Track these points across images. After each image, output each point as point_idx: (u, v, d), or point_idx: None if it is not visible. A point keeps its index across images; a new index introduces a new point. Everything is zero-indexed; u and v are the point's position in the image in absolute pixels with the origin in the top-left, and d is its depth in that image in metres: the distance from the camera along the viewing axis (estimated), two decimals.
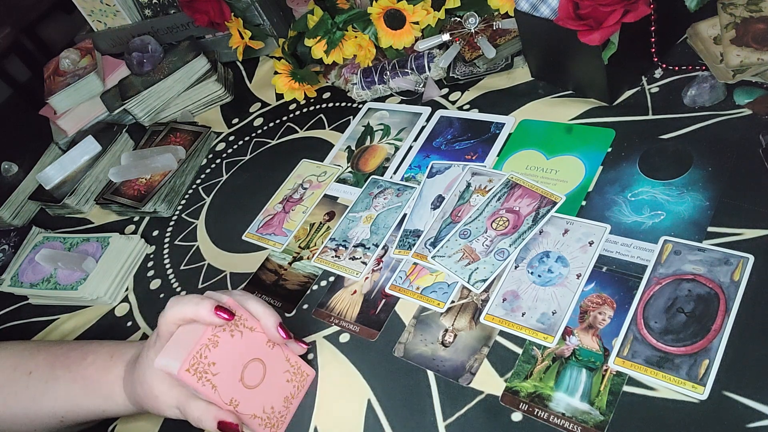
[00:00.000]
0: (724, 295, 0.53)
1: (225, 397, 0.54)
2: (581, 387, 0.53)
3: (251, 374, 0.56)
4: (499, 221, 0.66)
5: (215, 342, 0.54)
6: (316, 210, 0.80)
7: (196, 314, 0.53)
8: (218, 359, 0.54)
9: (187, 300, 0.54)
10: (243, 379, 0.56)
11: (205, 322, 0.53)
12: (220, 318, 0.53)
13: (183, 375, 0.52)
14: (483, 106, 0.81)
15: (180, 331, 0.55)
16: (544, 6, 0.69)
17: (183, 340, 0.54)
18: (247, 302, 0.57)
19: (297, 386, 0.61)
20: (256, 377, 0.57)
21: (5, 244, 0.95)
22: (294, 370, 0.60)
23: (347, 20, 0.89)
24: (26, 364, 0.65)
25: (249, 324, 0.56)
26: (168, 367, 0.52)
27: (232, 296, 0.57)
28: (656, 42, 0.69)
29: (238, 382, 0.55)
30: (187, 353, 0.52)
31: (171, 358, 0.53)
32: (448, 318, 0.62)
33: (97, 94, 1.10)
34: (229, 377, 0.55)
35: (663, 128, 0.67)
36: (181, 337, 0.54)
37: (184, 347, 0.53)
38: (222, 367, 0.54)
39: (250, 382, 0.56)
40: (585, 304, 0.57)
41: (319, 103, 0.96)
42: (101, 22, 1.21)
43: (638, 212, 0.62)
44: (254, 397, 0.57)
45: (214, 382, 0.53)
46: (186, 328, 0.55)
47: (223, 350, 0.54)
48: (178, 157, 0.95)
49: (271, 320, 0.57)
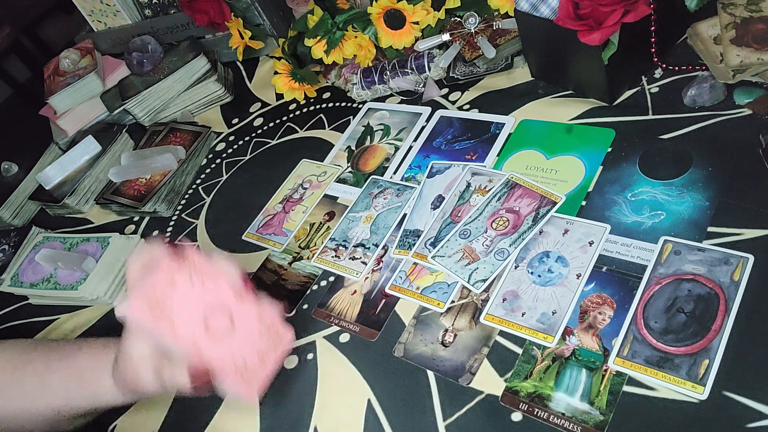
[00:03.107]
0: (724, 295, 0.53)
1: (185, 338, 0.53)
2: (581, 387, 0.53)
3: (216, 323, 0.55)
4: (499, 221, 0.66)
5: (172, 283, 0.53)
6: (316, 210, 0.80)
7: (149, 253, 0.54)
8: (177, 300, 0.53)
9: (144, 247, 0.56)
10: (206, 325, 0.55)
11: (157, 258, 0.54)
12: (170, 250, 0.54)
13: (137, 311, 0.51)
14: (483, 106, 0.81)
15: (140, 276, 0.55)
16: (544, 6, 0.69)
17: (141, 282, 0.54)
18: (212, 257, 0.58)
19: (272, 344, 0.58)
20: (222, 327, 0.56)
21: (5, 244, 0.95)
22: (267, 327, 0.58)
23: (347, 20, 0.89)
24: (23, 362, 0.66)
25: (211, 275, 0.56)
26: (125, 309, 0.52)
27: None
28: (656, 42, 0.69)
29: (201, 327, 0.55)
30: (142, 290, 0.53)
31: (127, 299, 0.53)
32: (448, 318, 0.62)
33: (97, 94, 1.10)
34: (189, 320, 0.54)
35: (663, 128, 0.67)
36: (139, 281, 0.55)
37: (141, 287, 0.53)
38: (181, 308, 0.53)
39: (216, 331, 0.55)
40: (585, 304, 0.57)
41: (319, 103, 0.96)
42: (101, 22, 1.21)
43: (638, 212, 0.62)
44: (220, 346, 0.55)
45: (173, 321, 0.53)
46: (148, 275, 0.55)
47: (181, 292, 0.54)
48: (178, 157, 0.95)
49: (233, 270, 0.57)
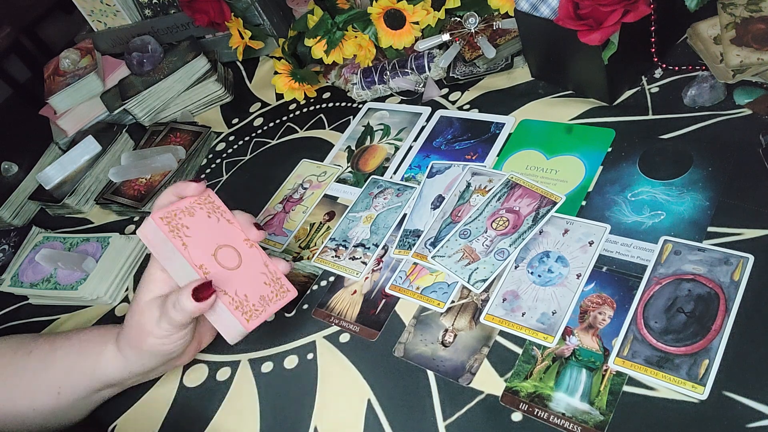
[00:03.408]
0: (724, 295, 0.53)
1: (196, 258, 0.56)
2: (581, 387, 0.53)
3: (225, 257, 0.58)
4: (499, 221, 0.66)
5: (191, 212, 0.57)
6: (316, 210, 0.80)
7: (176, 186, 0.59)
8: (192, 226, 0.57)
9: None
10: (216, 256, 0.57)
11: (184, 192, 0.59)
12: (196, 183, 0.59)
13: (157, 221, 0.55)
14: (483, 106, 0.81)
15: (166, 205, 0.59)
16: (544, 6, 0.69)
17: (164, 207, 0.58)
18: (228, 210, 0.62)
19: (274, 293, 0.60)
20: (231, 262, 0.58)
21: (5, 244, 0.95)
22: (273, 277, 0.61)
23: (347, 20, 0.88)
24: (27, 346, 0.67)
25: (227, 216, 0.60)
26: (148, 224, 0.56)
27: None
28: (656, 42, 0.69)
29: (211, 256, 0.57)
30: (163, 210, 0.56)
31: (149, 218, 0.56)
32: (448, 318, 0.62)
33: (97, 94, 1.10)
34: (201, 245, 0.57)
35: (663, 128, 0.67)
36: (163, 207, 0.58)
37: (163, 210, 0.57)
38: (195, 233, 0.57)
39: (224, 262, 0.58)
40: (585, 304, 0.57)
41: (319, 103, 0.96)
42: (101, 22, 1.21)
43: (638, 212, 0.62)
44: (227, 277, 0.57)
45: (186, 241, 0.56)
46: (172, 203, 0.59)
47: (198, 221, 0.57)
48: (178, 157, 0.95)
49: (245, 216, 0.61)
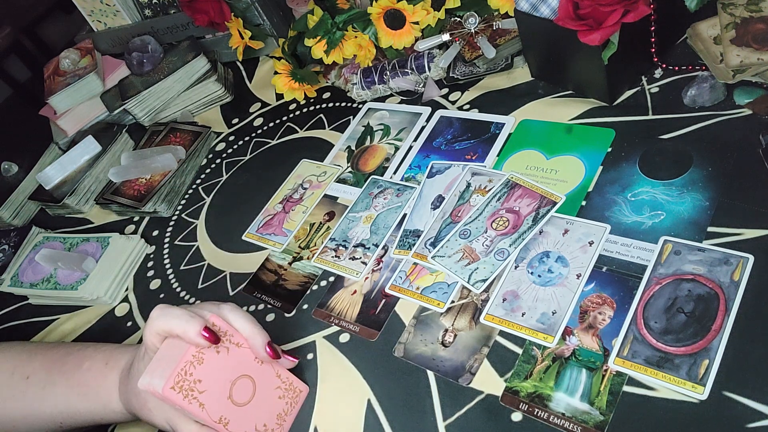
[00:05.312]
0: (724, 295, 0.53)
1: (214, 415, 0.53)
2: (581, 387, 0.53)
3: (240, 391, 0.55)
4: (499, 221, 0.66)
5: (200, 359, 0.52)
6: (316, 210, 0.80)
7: (184, 333, 0.52)
8: (204, 376, 0.52)
9: (176, 315, 0.52)
10: (232, 396, 0.54)
11: (191, 343, 0.52)
12: (207, 341, 0.52)
13: (168, 393, 0.50)
14: (483, 106, 0.81)
15: (165, 345, 0.53)
16: (544, 6, 0.69)
17: (167, 355, 0.52)
18: (235, 319, 0.56)
19: (290, 403, 0.59)
20: (246, 394, 0.55)
21: (5, 244, 0.95)
22: (286, 386, 0.59)
23: (347, 20, 0.88)
24: (24, 368, 0.65)
25: (236, 340, 0.55)
26: (152, 386, 0.51)
27: (221, 311, 0.55)
28: (656, 42, 0.69)
29: (227, 400, 0.54)
30: (171, 371, 0.51)
31: (154, 376, 0.51)
32: (448, 318, 0.62)
33: (97, 94, 1.10)
34: (216, 395, 0.53)
35: (663, 128, 0.67)
36: (165, 352, 0.53)
37: (169, 364, 0.51)
38: (209, 385, 0.52)
39: (240, 399, 0.55)
40: (585, 304, 0.57)
41: (319, 103, 0.96)
42: (101, 22, 1.21)
43: (638, 212, 0.62)
44: (245, 415, 0.55)
45: (201, 400, 0.52)
46: (171, 342, 0.53)
47: (209, 367, 0.53)
48: (178, 157, 0.95)
49: (259, 340, 0.55)
